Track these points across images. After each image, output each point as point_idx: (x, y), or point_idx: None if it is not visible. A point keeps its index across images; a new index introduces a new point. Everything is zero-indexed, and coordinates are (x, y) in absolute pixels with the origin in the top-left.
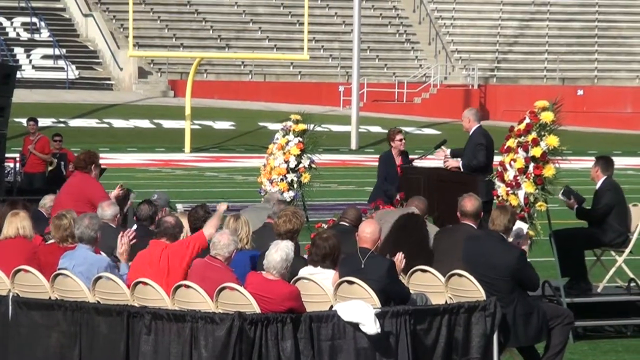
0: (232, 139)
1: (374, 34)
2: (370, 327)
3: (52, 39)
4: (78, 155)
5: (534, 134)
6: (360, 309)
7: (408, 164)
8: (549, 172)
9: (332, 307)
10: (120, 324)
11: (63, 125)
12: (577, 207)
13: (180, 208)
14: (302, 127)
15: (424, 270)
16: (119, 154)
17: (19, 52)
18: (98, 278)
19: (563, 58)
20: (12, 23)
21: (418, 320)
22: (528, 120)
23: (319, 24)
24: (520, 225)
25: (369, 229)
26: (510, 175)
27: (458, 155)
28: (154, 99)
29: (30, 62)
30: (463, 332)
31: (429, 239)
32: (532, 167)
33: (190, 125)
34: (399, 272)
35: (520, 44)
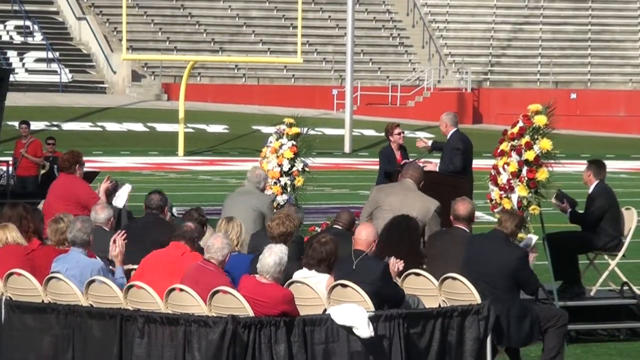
0: (225, 143)
1: (368, 38)
2: (364, 330)
3: (45, 42)
4: (62, 156)
5: (527, 138)
6: (354, 313)
7: (407, 159)
8: (542, 175)
9: (325, 310)
10: (113, 328)
11: (56, 129)
12: (570, 210)
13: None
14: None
15: (417, 274)
16: (113, 158)
17: (12, 55)
18: (91, 281)
19: (556, 62)
20: (5, 26)
21: (411, 324)
22: (521, 124)
23: (313, 28)
24: (531, 236)
25: (365, 232)
26: (504, 179)
27: (440, 148)
28: (148, 103)
29: (24, 65)
30: (456, 335)
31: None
32: (525, 170)
33: (184, 129)
34: (394, 276)
35: (514, 48)
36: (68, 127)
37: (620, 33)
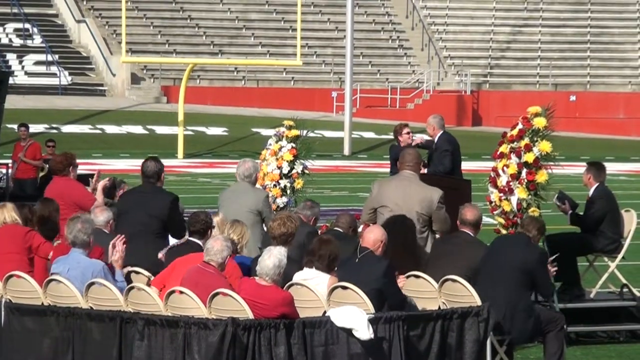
0: (225, 145)
1: (367, 40)
2: (364, 332)
3: (44, 45)
4: (54, 159)
5: (527, 140)
6: (354, 315)
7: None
8: (542, 177)
9: (325, 312)
10: (113, 330)
11: (56, 132)
12: (570, 212)
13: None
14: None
15: (417, 276)
16: (112, 160)
17: (12, 58)
18: (91, 284)
19: (555, 64)
20: (4, 29)
21: (411, 326)
22: (521, 126)
23: (312, 30)
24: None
25: (373, 233)
26: (503, 181)
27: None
28: (147, 105)
29: (23, 68)
30: (456, 337)
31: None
32: (524, 172)
33: (183, 131)
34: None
35: (513, 50)
36: (67, 129)
37: (620, 35)
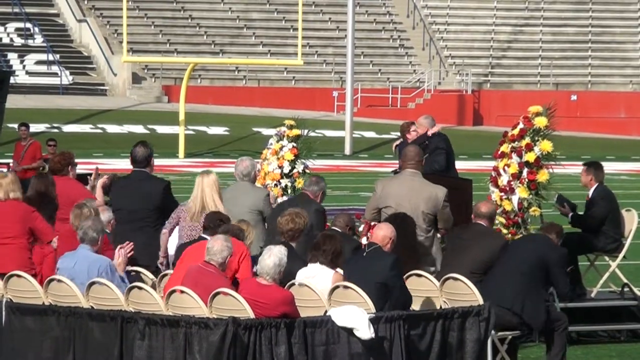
0: (226, 145)
1: (368, 39)
2: (365, 332)
3: (45, 45)
4: (52, 159)
5: (528, 139)
6: (355, 314)
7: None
8: (543, 177)
9: (326, 312)
10: (114, 329)
11: (57, 131)
12: (571, 214)
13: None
14: (296, 132)
15: (419, 275)
16: (113, 159)
17: (13, 57)
18: (92, 283)
19: (557, 63)
20: (5, 28)
21: (412, 325)
22: (522, 126)
23: (313, 30)
24: None
25: (382, 230)
26: (504, 181)
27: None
28: (148, 105)
29: (24, 67)
30: (457, 337)
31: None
32: (525, 172)
33: (184, 131)
34: None
35: (514, 49)
36: (68, 129)
37: (621, 34)
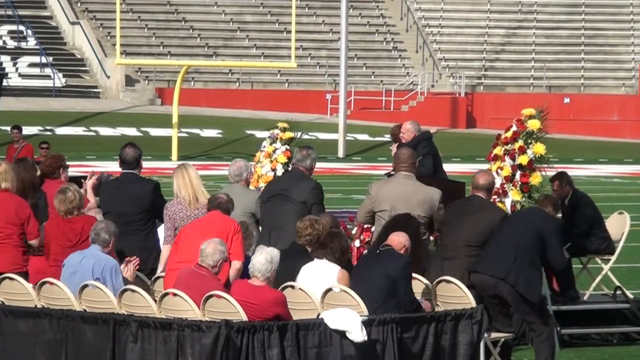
0: (219, 147)
1: (361, 42)
2: (357, 334)
3: (38, 47)
4: (43, 162)
5: (521, 142)
6: (347, 317)
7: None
8: (536, 180)
9: (319, 314)
10: (107, 332)
11: (50, 134)
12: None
13: None
14: (289, 135)
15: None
16: (106, 162)
17: (6, 60)
18: (84, 286)
19: (550, 66)
20: None
21: (405, 328)
22: (515, 128)
23: (307, 32)
24: None
25: (399, 237)
26: (497, 183)
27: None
28: (141, 107)
29: (17, 70)
30: (450, 339)
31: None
32: (519, 175)
33: (178, 133)
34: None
35: (507, 52)
36: (61, 131)
37: (614, 37)
